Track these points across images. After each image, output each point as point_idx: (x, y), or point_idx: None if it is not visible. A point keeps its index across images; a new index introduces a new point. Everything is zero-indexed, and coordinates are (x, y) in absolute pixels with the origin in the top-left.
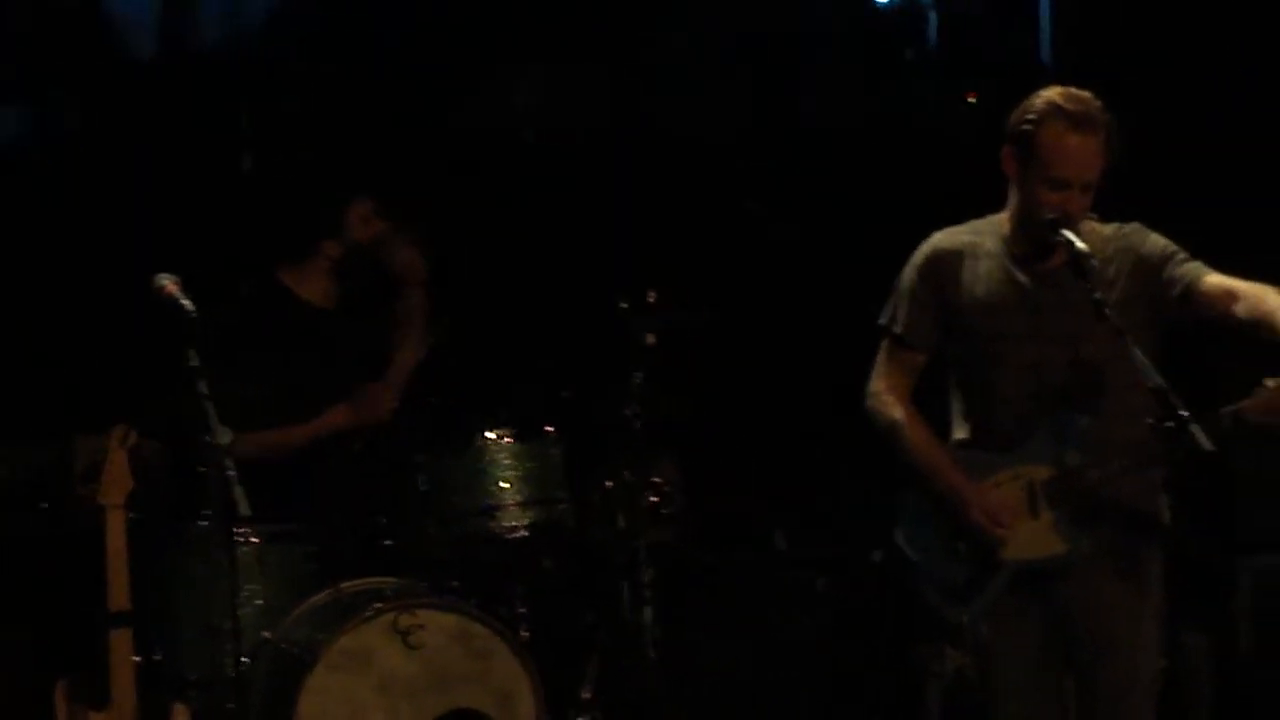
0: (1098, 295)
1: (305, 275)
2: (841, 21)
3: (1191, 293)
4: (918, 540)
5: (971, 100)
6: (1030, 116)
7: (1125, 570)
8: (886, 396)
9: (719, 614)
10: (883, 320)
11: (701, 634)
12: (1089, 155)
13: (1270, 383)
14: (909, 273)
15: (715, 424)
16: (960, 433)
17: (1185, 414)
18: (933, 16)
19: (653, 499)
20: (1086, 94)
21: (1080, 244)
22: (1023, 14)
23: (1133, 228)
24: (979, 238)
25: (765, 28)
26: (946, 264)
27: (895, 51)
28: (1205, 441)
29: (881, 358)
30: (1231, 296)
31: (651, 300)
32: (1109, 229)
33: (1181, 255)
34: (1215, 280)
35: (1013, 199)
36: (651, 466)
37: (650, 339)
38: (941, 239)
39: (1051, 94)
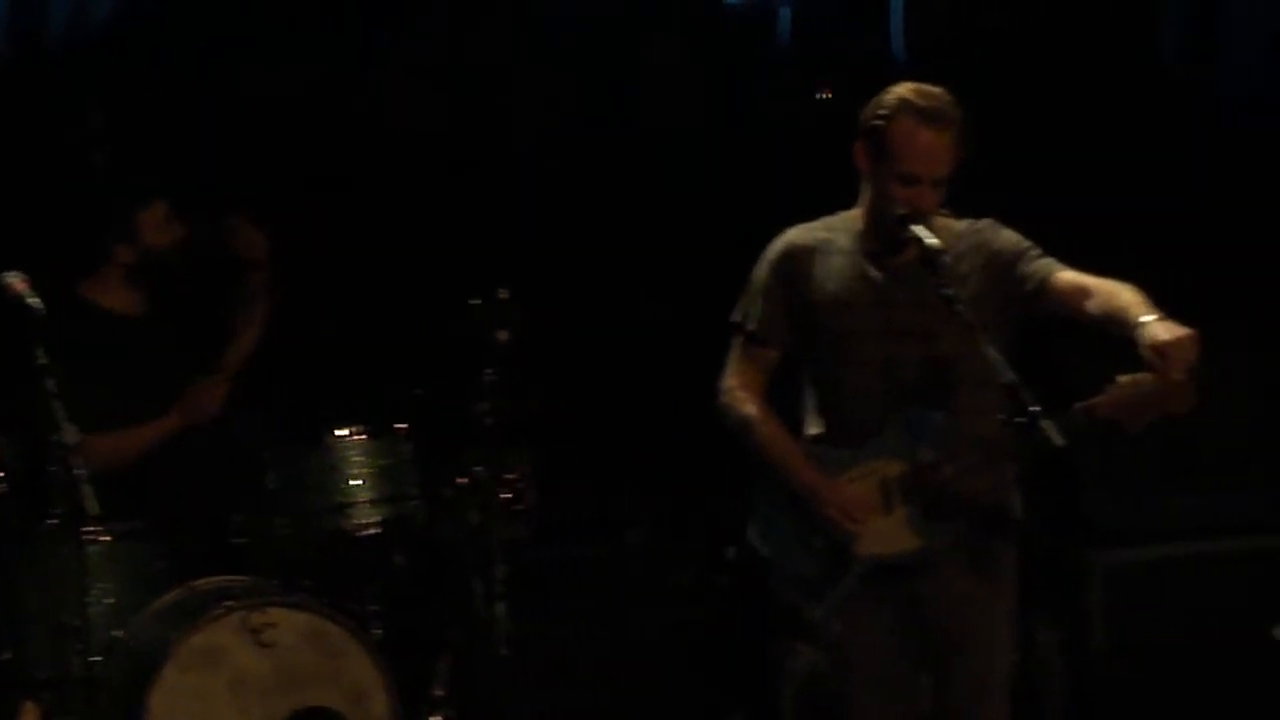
0: (949, 291)
1: (104, 284)
2: (688, 19)
3: (1044, 289)
4: (771, 536)
5: (824, 97)
6: (881, 112)
7: (978, 566)
8: (739, 394)
9: (572, 610)
10: (736, 317)
11: (555, 630)
12: (939, 151)
13: (1122, 379)
14: (762, 269)
15: (569, 420)
16: (814, 428)
17: (1036, 409)
18: (784, 12)
19: (505, 495)
20: (938, 90)
21: (931, 239)
22: (875, 9)
23: (985, 224)
24: (832, 234)
25: (603, 23)
26: (799, 260)
27: (746, 49)
28: (1056, 437)
29: (734, 355)
30: (1084, 293)
31: (504, 297)
32: (962, 225)
33: (1035, 251)
34: (1068, 277)
35: (865, 195)
36: (504, 463)
37: (502, 336)
38: (795, 235)
39: (903, 90)
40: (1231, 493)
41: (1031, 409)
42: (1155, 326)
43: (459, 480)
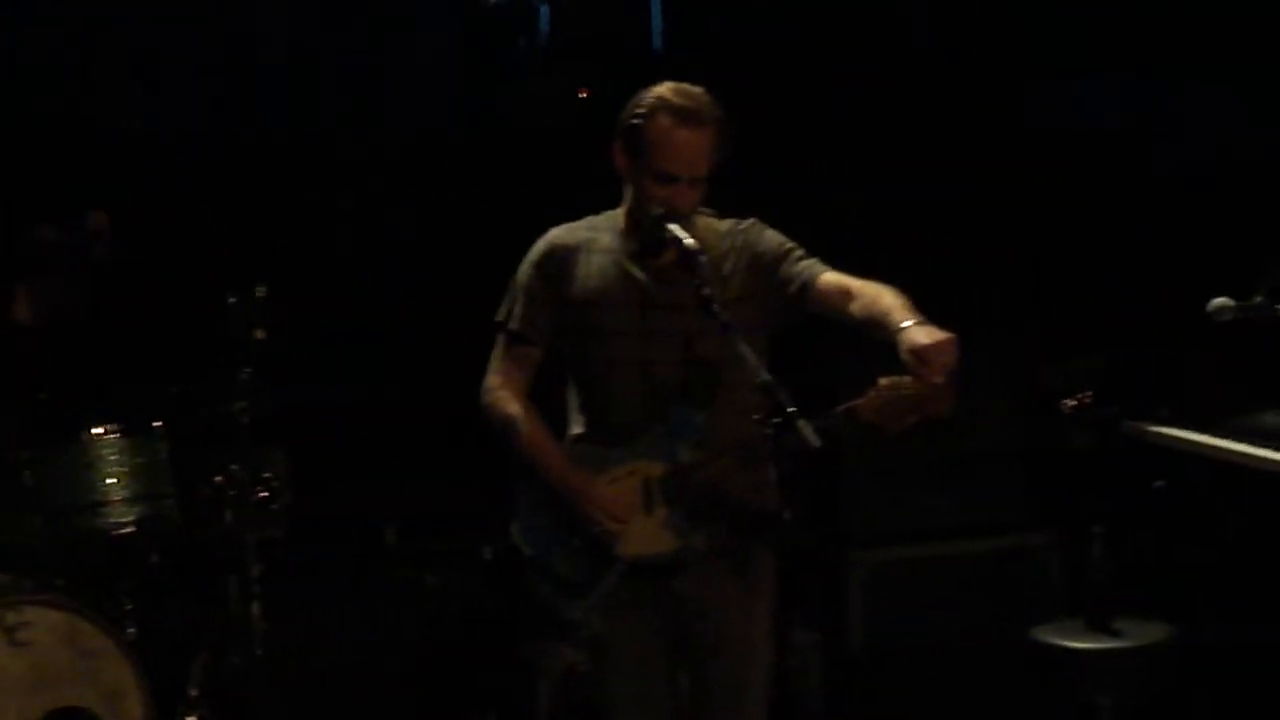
0: (706, 291)
1: None
2: (447, 17)
3: (808, 290)
4: (533, 534)
5: (583, 95)
6: (639, 111)
7: (738, 568)
8: (502, 392)
9: (328, 610)
10: (499, 316)
11: (310, 630)
12: (696, 150)
13: (883, 381)
14: (525, 268)
15: (325, 418)
16: (577, 427)
17: (792, 410)
18: (544, 10)
19: (261, 494)
20: (697, 89)
21: (689, 239)
22: (634, 6)
23: (749, 224)
24: (596, 233)
25: (361, 20)
26: (562, 259)
27: (505, 46)
28: (812, 438)
29: (497, 353)
30: (847, 295)
31: (260, 295)
32: (725, 224)
33: (799, 253)
34: (832, 278)
35: (626, 194)
36: (260, 462)
37: (259, 333)
38: (558, 234)
39: (661, 89)
40: (986, 493)
41: (788, 409)
42: (915, 331)
43: (215, 479)
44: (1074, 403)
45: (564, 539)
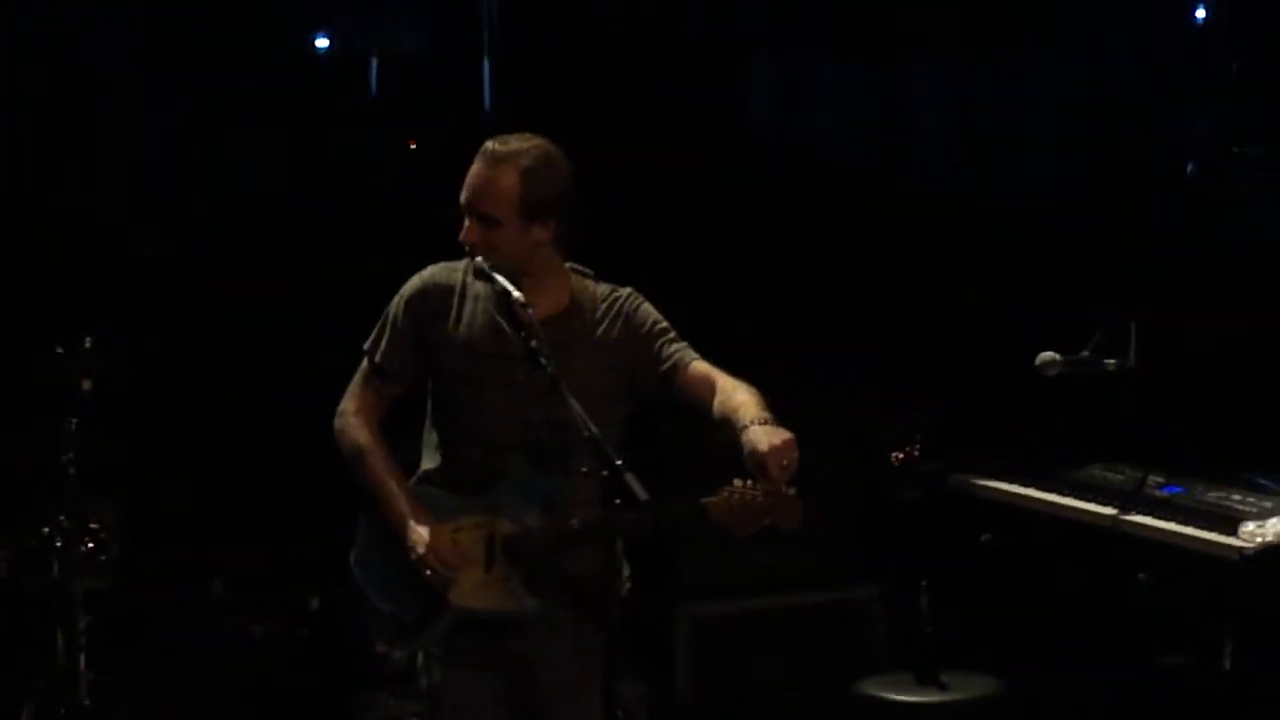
0: (533, 343)
1: None
2: (275, 68)
3: (674, 376)
4: (369, 567)
5: (413, 147)
6: None
7: (573, 630)
8: (354, 419)
9: (156, 661)
10: (367, 344)
11: (138, 681)
12: (484, 186)
13: (737, 483)
14: (397, 301)
15: (154, 469)
16: (429, 463)
17: (619, 463)
18: (374, 63)
19: (89, 545)
20: (530, 140)
21: (514, 290)
22: (465, 61)
23: (627, 293)
24: (471, 277)
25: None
26: (434, 299)
27: (336, 100)
28: (640, 491)
29: (358, 380)
30: (710, 388)
31: (87, 345)
32: (602, 289)
33: (672, 334)
34: (700, 368)
35: None
36: (88, 512)
37: (86, 384)
38: (435, 272)
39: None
40: (814, 546)
41: (615, 462)
42: (755, 433)
43: (43, 530)
44: (902, 455)
45: (400, 576)
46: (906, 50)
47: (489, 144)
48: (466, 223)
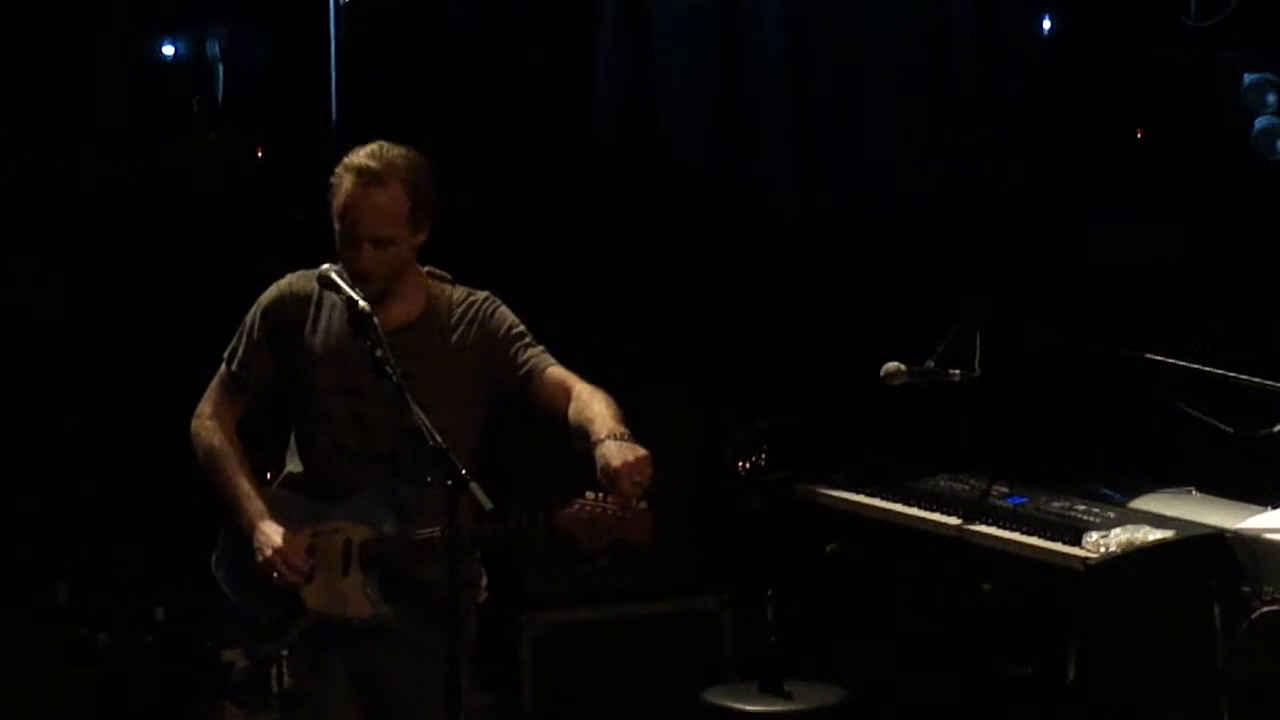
0: (379, 352)
1: None
2: (125, 74)
3: (531, 381)
4: (228, 570)
5: (259, 154)
6: (333, 177)
7: (424, 638)
8: (210, 422)
9: None
10: (227, 350)
11: None
12: (375, 211)
13: (589, 496)
14: (254, 311)
15: None
16: (292, 466)
17: (465, 473)
18: (220, 69)
19: None
20: (397, 149)
21: (361, 300)
22: (310, 66)
23: (483, 297)
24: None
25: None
26: (291, 308)
27: (181, 106)
28: (485, 500)
29: (215, 384)
30: (566, 394)
31: None
32: (459, 293)
33: (529, 339)
34: (556, 374)
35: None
36: None
37: None
38: (292, 281)
39: (357, 151)
40: (659, 555)
41: (460, 472)
42: (609, 447)
43: None
44: (747, 465)
45: (257, 579)
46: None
47: (360, 162)
48: (365, 252)
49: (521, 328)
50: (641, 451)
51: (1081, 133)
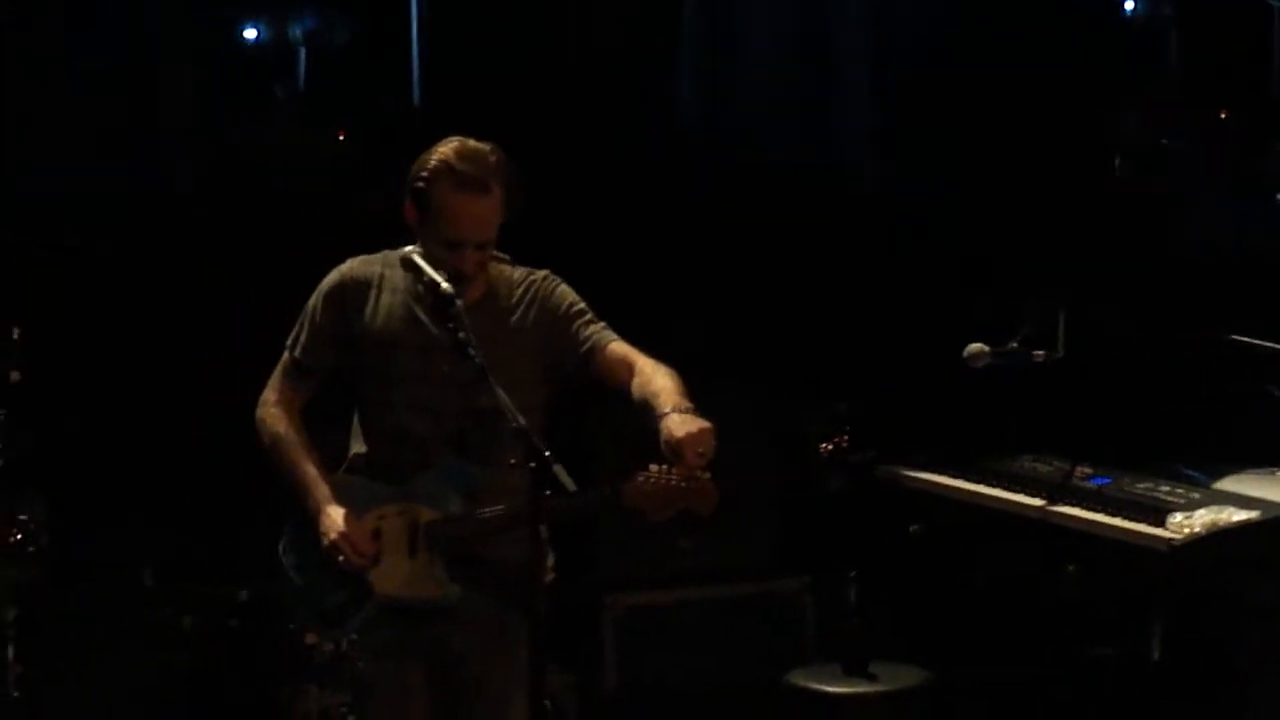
0: (461, 335)
1: None
2: (206, 58)
3: (593, 357)
4: (296, 557)
5: (340, 138)
6: (424, 174)
7: (497, 618)
8: (275, 410)
9: (85, 652)
10: (289, 339)
11: (67, 673)
12: (481, 217)
13: (652, 468)
14: (315, 297)
15: (82, 459)
16: (358, 447)
17: (547, 454)
18: (302, 53)
19: (16, 537)
20: (485, 148)
21: (444, 282)
22: (393, 51)
23: (543, 276)
24: (390, 270)
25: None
26: (352, 293)
27: (263, 89)
28: (569, 482)
29: (279, 371)
30: (629, 370)
31: (15, 337)
32: (519, 273)
33: (589, 315)
34: (619, 349)
35: (419, 241)
36: (16, 503)
37: (14, 375)
38: (353, 266)
39: (447, 150)
40: (741, 537)
41: (544, 454)
42: (672, 420)
43: None
44: (829, 446)
45: (326, 566)
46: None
47: (464, 169)
48: (467, 255)
49: (582, 304)
50: (705, 423)
51: (1173, 118)
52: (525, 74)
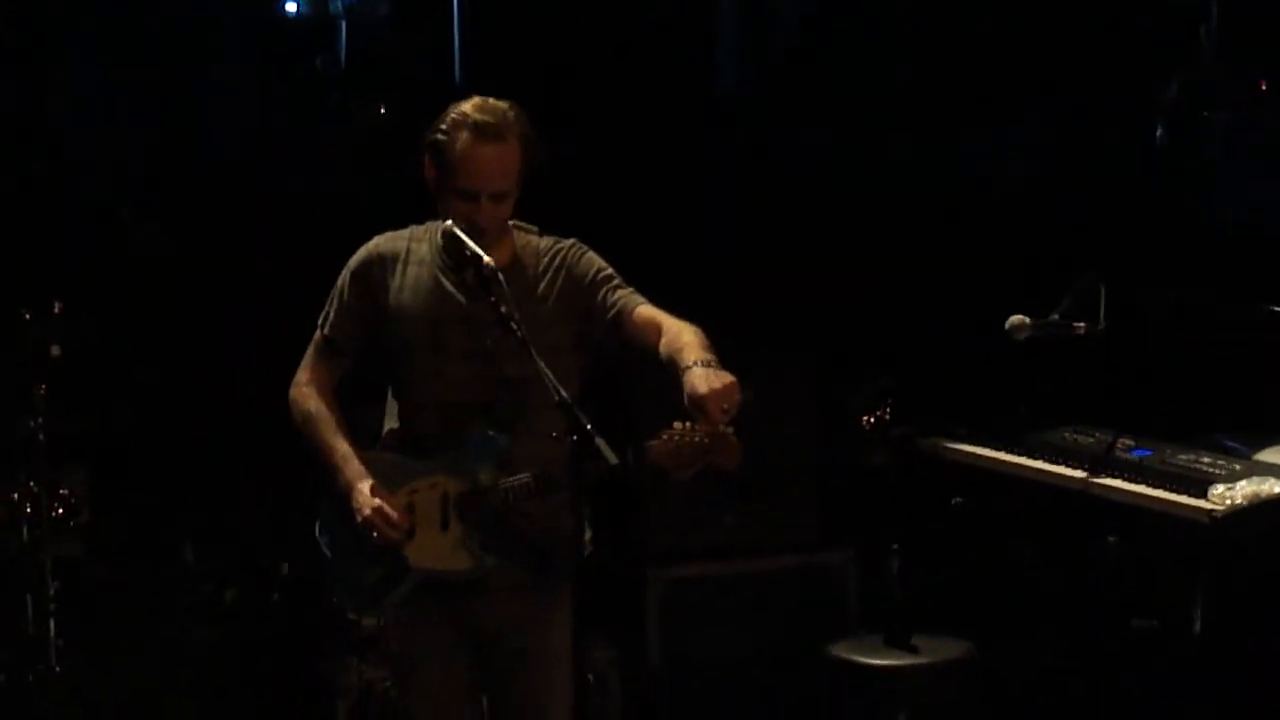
0: (504, 308)
1: None
2: (247, 32)
3: (621, 321)
4: (334, 537)
5: (382, 111)
6: (443, 127)
7: (534, 588)
8: (307, 389)
9: (126, 627)
10: (320, 318)
11: (108, 648)
12: (496, 165)
13: (678, 426)
14: (344, 275)
15: (123, 436)
16: (391, 423)
17: (589, 427)
18: (343, 26)
19: (59, 511)
20: (502, 104)
21: (485, 256)
22: (433, 25)
23: (569, 244)
24: (416, 244)
25: (164, 32)
26: (379, 268)
27: (304, 62)
28: (610, 455)
29: (311, 351)
30: (657, 330)
31: (57, 311)
32: (544, 243)
33: (616, 280)
34: (646, 312)
35: (439, 206)
36: (58, 478)
37: (55, 350)
38: (380, 242)
39: (465, 105)
40: (783, 510)
41: (586, 427)
42: (695, 374)
43: (12, 495)
44: (870, 419)
45: (361, 543)
46: None
47: (478, 118)
48: (483, 206)
49: (609, 270)
50: (728, 377)
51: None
52: (565, 46)
